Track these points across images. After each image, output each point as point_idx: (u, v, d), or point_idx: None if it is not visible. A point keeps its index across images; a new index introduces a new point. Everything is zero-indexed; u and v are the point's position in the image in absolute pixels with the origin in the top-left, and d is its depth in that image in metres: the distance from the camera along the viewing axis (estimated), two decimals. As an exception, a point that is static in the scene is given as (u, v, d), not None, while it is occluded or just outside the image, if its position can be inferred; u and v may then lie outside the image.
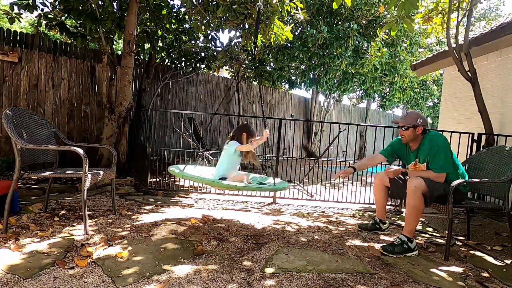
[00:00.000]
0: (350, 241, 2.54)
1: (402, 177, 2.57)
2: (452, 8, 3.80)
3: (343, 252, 2.28)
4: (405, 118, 2.46)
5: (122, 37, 4.79)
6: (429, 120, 16.91)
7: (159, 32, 5.90)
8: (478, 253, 2.42)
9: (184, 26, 6.11)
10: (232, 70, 8.69)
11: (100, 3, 4.52)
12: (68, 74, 4.99)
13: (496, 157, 2.55)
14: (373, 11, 7.56)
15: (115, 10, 4.81)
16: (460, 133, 3.75)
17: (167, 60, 6.57)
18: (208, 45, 6.61)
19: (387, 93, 12.13)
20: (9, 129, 2.22)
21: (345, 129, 4.18)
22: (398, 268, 2.05)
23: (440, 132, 2.44)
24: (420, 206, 2.24)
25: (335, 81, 9.21)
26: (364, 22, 7.97)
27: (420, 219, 3.34)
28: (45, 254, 1.93)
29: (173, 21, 5.80)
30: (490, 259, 2.32)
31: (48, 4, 4.60)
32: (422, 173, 2.39)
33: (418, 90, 11.76)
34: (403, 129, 2.46)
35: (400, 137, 2.60)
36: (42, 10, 4.60)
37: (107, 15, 4.55)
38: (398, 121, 2.49)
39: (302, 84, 9.97)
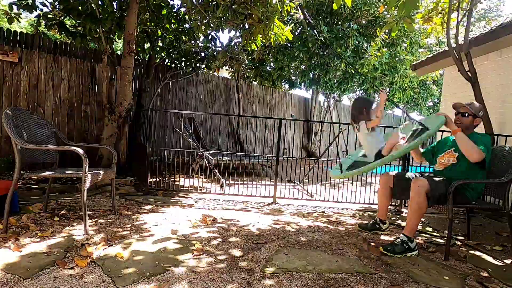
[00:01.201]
0: (350, 241, 2.54)
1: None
2: (452, 8, 3.80)
3: (343, 252, 2.28)
4: (469, 105, 2.48)
5: (122, 37, 4.79)
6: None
7: (159, 32, 5.90)
8: (478, 253, 2.42)
9: (184, 26, 6.10)
10: (232, 70, 8.69)
11: (99, 3, 4.51)
12: (68, 74, 4.99)
13: (496, 157, 2.55)
14: (373, 11, 7.56)
15: (114, 10, 4.81)
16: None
17: (167, 60, 6.56)
18: (208, 45, 6.61)
19: (387, 93, 12.13)
20: (9, 129, 2.22)
21: (345, 129, 4.18)
22: (398, 268, 2.05)
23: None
24: (424, 206, 2.24)
25: (335, 81, 9.21)
26: (364, 22, 7.97)
27: (421, 219, 3.35)
28: (45, 254, 1.93)
29: (173, 21, 5.80)
30: (490, 259, 2.32)
31: (47, 4, 4.60)
32: (468, 141, 2.29)
33: (418, 90, 11.77)
34: (464, 115, 2.46)
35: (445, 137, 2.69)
36: (41, 10, 4.60)
37: (107, 15, 4.55)
38: (461, 105, 2.48)
39: (302, 84, 9.96)
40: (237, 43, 6.74)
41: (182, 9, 5.68)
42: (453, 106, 2.58)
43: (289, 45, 7.77)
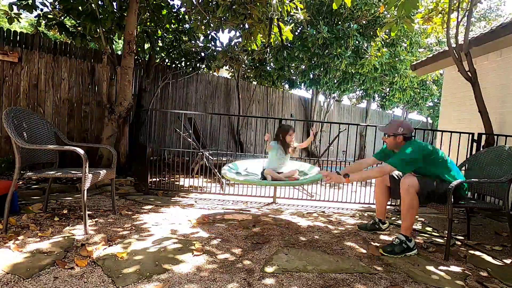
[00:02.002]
0: (350, 241, 2.54)
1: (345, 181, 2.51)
2: (452, 8, 3.80)
3: (343, 252, 2.28)
4: (386, 127, 2.55)
5: (122, 37, 4.79)
6: (429, 120, 16.91)
7: (159, 32, 5.90)
8: (478, 253, 2.42)
9: (184, 26, 6.10)
10: (232, 70, 8.69)
11: (99, 3, 4.51)
12: (68, 74, 4.98)
13: (496, 157, 2.55)
14: (373, 11, 7.56)
15: (115, 10, 4.81)
16: (460, 133, 3.75)
17: (167, 60, 6.56)
18: (208, 45, 6.61)
19: (387, 93, 12.13)
20: (9, 129, 2.22)
21: (345, 129, 4.18)
22: (398, 268, 2.05)
23: (425, 143, 2.44)
24: (415, 203, 2.27)
25: (335, 81, 9.20)
26: (364, 22, 7.97)
27: (420, 219, 3.35)
28: (45, 254, 1.93)
29: (173, 21, 5.80)
30: (490, 259, 2.32)
31: (47, 4, 4.60)
32: (363, 173, 2.56)
33: (418, 90, 11.76)
34: (386, 136, 2.55)
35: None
36: (41, 10, 4.60)
37: (107, 15, 4.55)
38: (381, 129, 2.59)
39: (302, 84, 9.96)
40: (237, 43, 6.74)
41: (182, 9, 5.68)
42: (379, 129, 2.68)
43: (289, 45, 7.77)
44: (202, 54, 6.71)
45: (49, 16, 4.69)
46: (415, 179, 2.28)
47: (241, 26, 5.08)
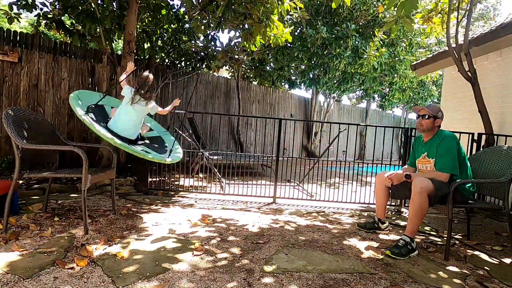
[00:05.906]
0: (350, 241, 2.54)
1: (408, 180, 2.50)
2: (452, 8, 3.80)
3: (343, 252, 2.28)
4: (429, 108, 2.52)
5: (122, 37, 4.79)
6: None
7: (159, 32, 5.90)
8: (478, 253, 2.42)
9: (184, 26, 6.10)
10: (232, 70, 8.70)
11: (99, 2, 4.51)
12: (68, 74, 4.98)
13: (496, 157, 2.55)
14: (372, 11, 7.56)
15: (114, 10, 4.81)
16: (460, 133, 3.75)
17: (167, 60, 6.56)
18: (208, 45, 6.61)
19: (387, 93, 12.13)
20: (9, 129, 2.22)
21: (345, 129, 4.18)
22: (398, 268, 2.05)
23: (454, 134, 2.48)
24: (425, 207, 2.24)
25: (335, 81, 9.21)
26: (363, 22, 7.97)
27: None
28: (45, 254, 1.93)
29: (173, 21, 5.80)
30: (490, 259, 2.32)
31: (47, 3, 4.60)
32: (426, 174, 2.41)
33: (418, 91, 11.77)
34: (425, 117, 2.49)
35: (417, 136, 2.72)
36: (41, 9, 4.60)
37: (106, 14, 4.55)
38: (421, 108, 2.53)
39: (302, 84, 9.97)
40: (237, 43, 6.74)
41: (182, 9, 5.68)
42: (413, 110, 2.63)
43: (288, 45, 7.77)
44: (202, 54, 6.71)
45: (49, 15, 4.69)
46: (429, 182, 2.24)
47: (241, 26, 5.08)
